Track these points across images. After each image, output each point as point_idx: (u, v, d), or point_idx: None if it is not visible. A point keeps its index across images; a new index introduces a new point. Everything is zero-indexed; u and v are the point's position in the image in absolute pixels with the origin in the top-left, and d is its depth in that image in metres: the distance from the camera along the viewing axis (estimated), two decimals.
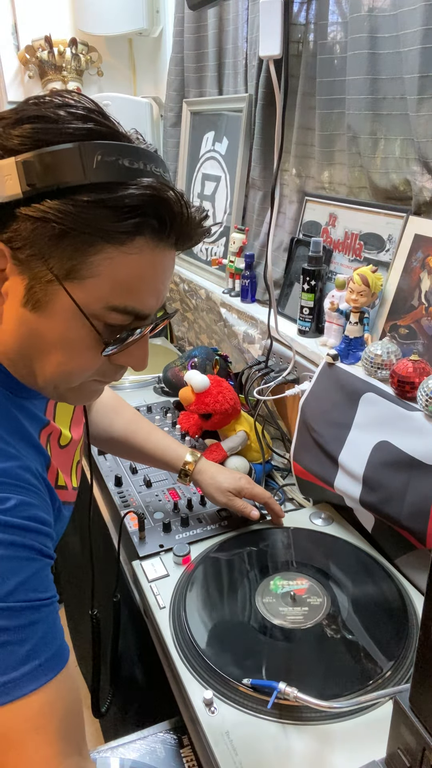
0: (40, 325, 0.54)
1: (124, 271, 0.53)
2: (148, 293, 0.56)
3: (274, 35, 1.13)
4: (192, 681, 0.77)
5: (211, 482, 1.04)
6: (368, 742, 0.69)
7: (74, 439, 0.77)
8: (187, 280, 1.81)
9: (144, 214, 0.51)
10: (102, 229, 0.51)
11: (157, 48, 1.97)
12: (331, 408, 1.05)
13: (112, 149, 0.51)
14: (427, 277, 0.98)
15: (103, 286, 0.53)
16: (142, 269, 0.54)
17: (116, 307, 0.54)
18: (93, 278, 0.52)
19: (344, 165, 1.18)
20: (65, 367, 0.57)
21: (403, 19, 0.94)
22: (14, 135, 0.50)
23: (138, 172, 0.52)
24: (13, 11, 1.84)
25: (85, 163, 0.50)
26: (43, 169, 0.49)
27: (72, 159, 0.49)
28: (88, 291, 0.53)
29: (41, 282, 0.52)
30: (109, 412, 1.06)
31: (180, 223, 0.54)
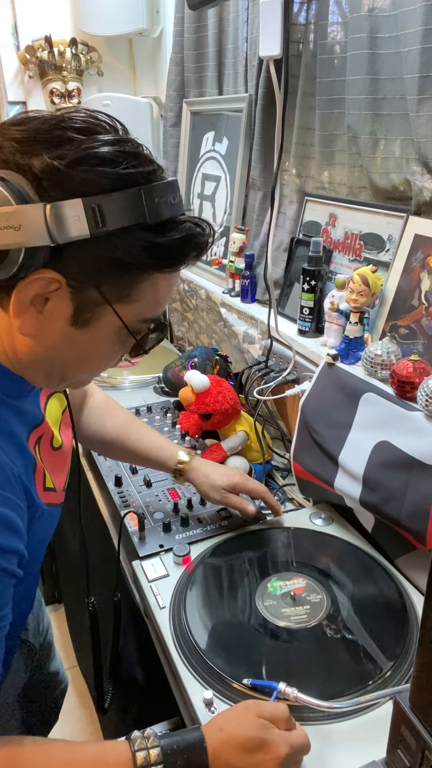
0: (84, 340, 0.60)
1: (162, 292, 0.61)
2: (164, 305, 0.65)
3: (274, 35, 1.13)
4: (192, 681, 0.77)
5: (204, 480, 1.03)
6: (368, 742, 0.69)
7: (65, 443, 0.79)
8: (187, 280, 1.81)
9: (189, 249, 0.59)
10: (156, 264, 0.58)
11: (157, 48, 1.97)
12: (331, 408, 1.05)
13: (163, 189, 0.56)
14: (427, 277, 0.98)
15: (145, 305, 0.60)
16: (168, 289, 0.62)
17: (147, 319, 0.62)
18: (138, 301, 0.59)
19: (344, 165, 1.18)
20: (98, 369, 0.67)
21: (403, 19, 0.94)
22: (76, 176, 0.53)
23: (178, 207, 0.58)
24: (13, 11, 1.84)
25: (148, 207, 0.55)
26: (110, 212, 0.53)
27: (136, 204, 0.54)
28: (133, 311, 0.60)
29: (91, 304, 0.58)
30: (102, 414, 1.06)
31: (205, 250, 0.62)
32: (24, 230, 0.52)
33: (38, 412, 0.71)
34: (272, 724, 0.63)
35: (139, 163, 0.56)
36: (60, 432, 0.78)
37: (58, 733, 1.69)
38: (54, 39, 1.80)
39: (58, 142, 0.53)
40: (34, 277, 0.54)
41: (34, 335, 0.59)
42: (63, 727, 1.73)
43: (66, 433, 0.81)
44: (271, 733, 0.62)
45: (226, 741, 0.61)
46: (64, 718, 1.76)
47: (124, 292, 0.58)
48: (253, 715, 0.64)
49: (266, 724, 0.63)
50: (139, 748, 0.60)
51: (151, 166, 0.57)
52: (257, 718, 0.63)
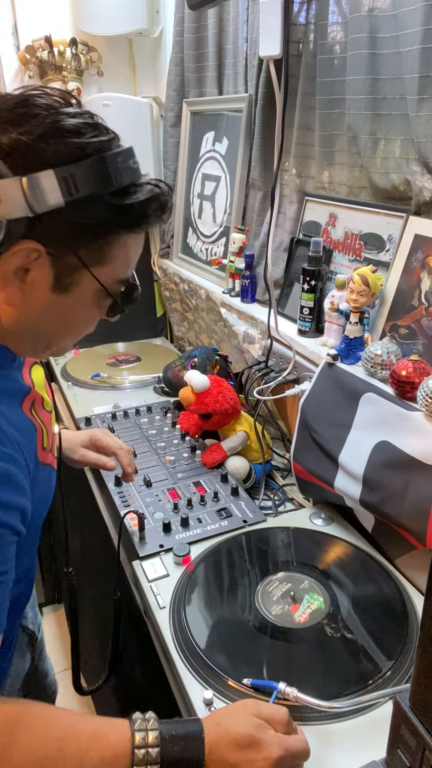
0: (66, 305, 0.64)
1: (131, 251, 0.65)
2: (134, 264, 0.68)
3: (274, 35, 1.13)
4: (192, 681, 0.77)
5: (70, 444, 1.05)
6: (368, 742, 0.69)
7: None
8: (187, 280, 1.81)
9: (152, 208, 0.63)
10: (125, 224, 0.62)
11: (157, 48, 1.97)
12: (331, 408, 1.05)
13: (125, 155, 0.61)
14: (427, 277, 0.98)
15: (118, 266, 0.64)
16: (139, 246, 0.67)
17: (121, 279, 0.66)
18: (112, 262, 0.63)
19: (344, 165, 1.18)
20: (80, 330, 0.70)
21: (403, 19, 0.94)
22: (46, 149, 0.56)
23: (138, 170, 0.63)
24: (13, 11, 1.83)
25: (113, 173, 0.59)
26: (80, 180, 0.57)
27: (102, 170, 0.58)
28: (108, 272, 0.64)
29: (70, 269, 0.61)
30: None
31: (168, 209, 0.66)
32: (4, 203, 0.55)
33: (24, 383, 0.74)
34: (268, 725, 0.63)
35: (99, 132, 0.60)
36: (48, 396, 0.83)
37: None
38: (54, 39, 1.80)
39: (23, 119, 0.57)
40: (15, 249, 0.58)
41: (18, 305, 0.62)
42: None
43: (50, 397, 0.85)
44: (266, 733, 0.62)
45: (222, 736, 0.61)
46: None
47: (99, 255, 0.62)
48: (250, 713, 0.64)
49: (262, 724, 0.63)
50: (138, 729, 0.61)
51: (110, 135, 0.61)
52: (254, 716, 0.63)
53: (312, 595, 0.89)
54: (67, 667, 1.93)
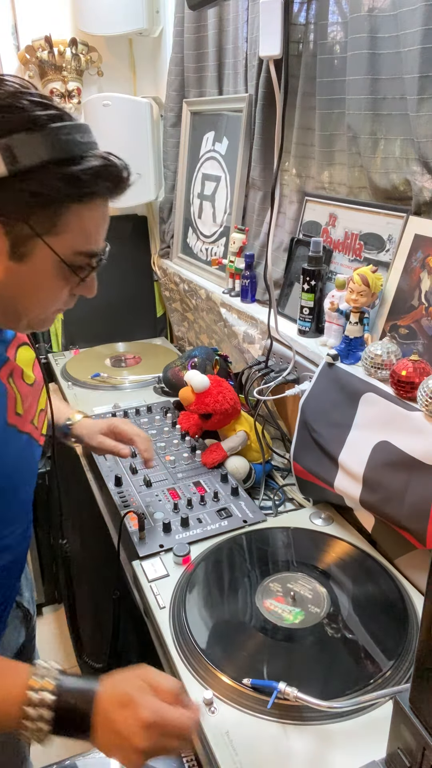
0: (26, 274, 0.66)
1: (87, 224, 0.67)
2: (100, 236, 0.70)
3: (274, 35, 1.13)
4: (192, 681, 0.77)
5: (83, 431, 1.10)
6: (368, 742, 0.69)
7: (38, 381, 0.85)
8: (187, 280, 1.81)
9: (101, 180, 0.65)
10: (74, 194, 0.64)
11: (157, 48, 1.97)
12: (331, 408, 1.05)
13: (70, 128, 0.63)
14: (427, 277, 0.98)
15: (74, 237, 0.66)
16: (98, 220, 0.68)
17: (81, 252, 0.68)
18: (65, 233, 0.65)
19: (344, 165, 1.18)
20: (46, 302, 0.71)
21: (403, 19, 0.94)
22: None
23: (87, 146, 0.65)
24: (13, 11, 1.83)
25: (57, 144, 0.62)
26: (23, 151, 0.60)
27: (46, 141, 0.61)
28: (63, 242, 0.66)
29: (24, 238, 0.64)
30: None
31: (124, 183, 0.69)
32: None
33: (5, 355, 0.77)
34: (151, 690, 0.64)
35: (45, 107, 0.63)
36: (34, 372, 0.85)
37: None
38: (54, 39, 1.80)
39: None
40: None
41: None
42: None
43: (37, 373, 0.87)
44: (144, 696, 0.63)
45: (110, 693, 0.63)
46: None
47: (50, 224, 0.64)
48: (138, 676, 0.65)
49: (144, 687, 0.64)
50: (37, 674, 0.63)
51: (57, 110, 0.64)
52: (140, 679, 0.65)
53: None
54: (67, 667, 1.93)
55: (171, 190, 1.94)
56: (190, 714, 0.64)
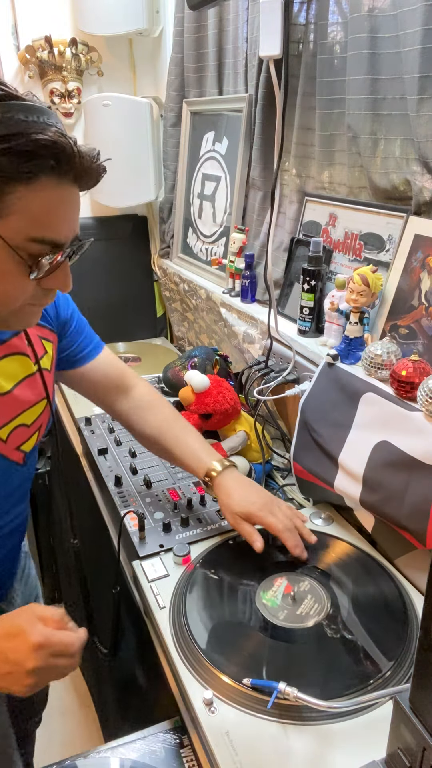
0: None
1: (35, 207, 0.63)
2: (60, 224, 0.66)
3: (274, 35, 1.13)
4: (192, 681, 0.77)
5: (225, 500, 0.97)
6: (368, 742, 0.69)
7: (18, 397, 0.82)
8: (187, 280, 1.81)
9: (41, 156, 0.61)
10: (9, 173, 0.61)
11: (157, 48, 1.97)
12: (331, 408, 1.05)
13: (10, 107, 0.61)
14: (427, 277, 0.98)
15: (21, 221, 0.63)
16: (50, 204, 0.64)
17: (35, 238, 0.64)
18: (11, 215, 0.62)
19: (344, 165, 1.18)
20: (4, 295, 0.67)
21: (403, 19, 0.94)
22: None
23: (33, 125, 0.61)
24: (13, 11, 1.83)
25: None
26: None
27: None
28: (9, 227, 0.63)
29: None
30: (143, 409, 1.07)
31: (74, 162, 0.64)
32: None
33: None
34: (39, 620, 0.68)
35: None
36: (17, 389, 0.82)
37: (58, 734, 1.69)
38: (54, 39, 1.80)
39: None
40: None
41: None
42: (63, 728, 1.73)
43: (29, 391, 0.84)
44: (31, 624, 0.67)
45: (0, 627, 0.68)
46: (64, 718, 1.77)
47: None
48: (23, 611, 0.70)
49: (32, 618, 0.68)
50: None
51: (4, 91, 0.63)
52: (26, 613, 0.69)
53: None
54: None
55: (171, 190, 1.94)
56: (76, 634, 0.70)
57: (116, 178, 1.91)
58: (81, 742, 1.70)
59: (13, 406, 0.82)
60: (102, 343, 1.05)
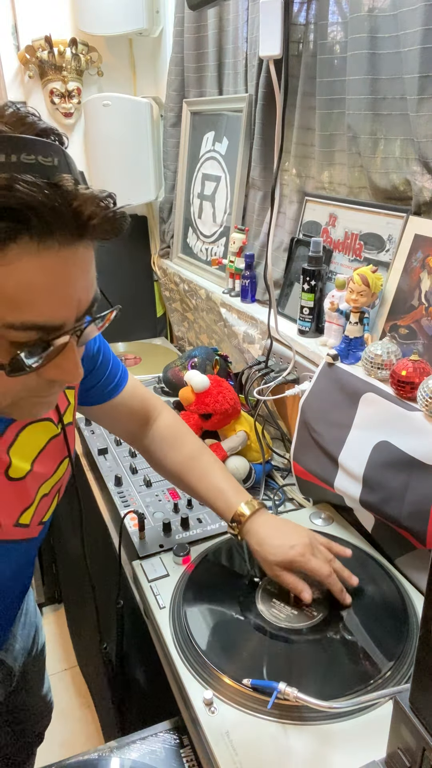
0: None
1: (6, 285, 0.47)
2: (49, 302, 0.49)
3: (274, 35, 1.13)
4: (192, 681, 0.77)
5: (258, 549, 0.85)
6: (368, 742, 0.68)
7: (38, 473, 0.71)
8: (187, 280, 1.81)
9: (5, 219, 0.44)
10: None
11: (157, 48, 1.97)
12: (331, 408, 1.05)
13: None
14: (427, 277, 0.98)
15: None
16: (28, 278, 0.47)
17: (12, 324, 0.48)
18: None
19: (344, 165, 1.18)
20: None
21: (403, 19, 0.94)
22: None
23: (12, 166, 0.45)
24: (13, 11, 1.83)
25: None
26: None
27: None
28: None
29: None
30: (164, 444, 0.97)
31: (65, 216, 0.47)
32: None
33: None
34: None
35: None
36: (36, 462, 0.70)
37: (58, 734, 1.69)
38: (54, 39, 1.80)
39: None
40: None
41: None
42: (63, 728, 1.73)
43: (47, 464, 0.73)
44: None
45: None
46: (64, 718, 1.77)
47: None
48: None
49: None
50: None
51: None
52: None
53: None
54: (67, 667, 1.93)
55: (171, 190, 1.94)
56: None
57: (116, 178, 1.92)
58: (81, 742, 1.70)
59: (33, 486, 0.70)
60: (126, 373, 0.94)
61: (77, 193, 0.47)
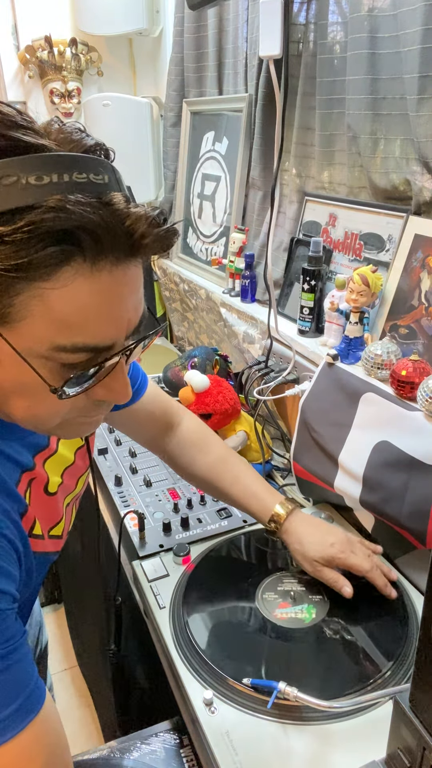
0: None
1: (60, 309, 0.46)
2: (100, 323, 0.48)
3: (274, 35, 1.13)
4: (192, 681, 0.77)
5: (297, 548, 0.88)
6: (368, 742, 0.68)
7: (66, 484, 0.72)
8: (187, 280, 1.81)
9: (59, 241, 0.44)
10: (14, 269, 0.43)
11: (157, 48, 1.97)
12: (331, 408, 1.05)
13: (12, 167, 0.43)
14: (427, 277, 0.98)
15: (40, 326, 0.46)
16: (80, 300, 0.46)
17: (64, 347, 0.48)
18: (25, 320, 0.46)
19: (344, 165, 1.18)
20: (31, 410, 0.52)
21: (403, 19, 0.94)
22: None
23: (49, 188, 0.44)
24: (13, 11, 1.83)
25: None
26: None
27: None
28: (25, 334, 0.47)
29: None
30: (190, 448, 0.96)
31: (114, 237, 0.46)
32: None
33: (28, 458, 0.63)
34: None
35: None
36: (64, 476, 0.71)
37: None
38: (54, 39, 1.80)
39: None
40: None
41: None
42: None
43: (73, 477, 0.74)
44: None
45: None
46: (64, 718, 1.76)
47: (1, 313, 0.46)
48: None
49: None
50: None
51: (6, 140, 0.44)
52: None
53: (312, 595, 0.89)
54: (66, 667, 1.93)
55: (171, 190, 1.94)
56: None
57: None
58: (81, 742, 1.70)
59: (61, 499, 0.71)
60: (146, 378, 0.92)
61: (129, 212, 0.46)
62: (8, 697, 0.50)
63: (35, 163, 0.44)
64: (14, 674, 0.51)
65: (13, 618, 0.54)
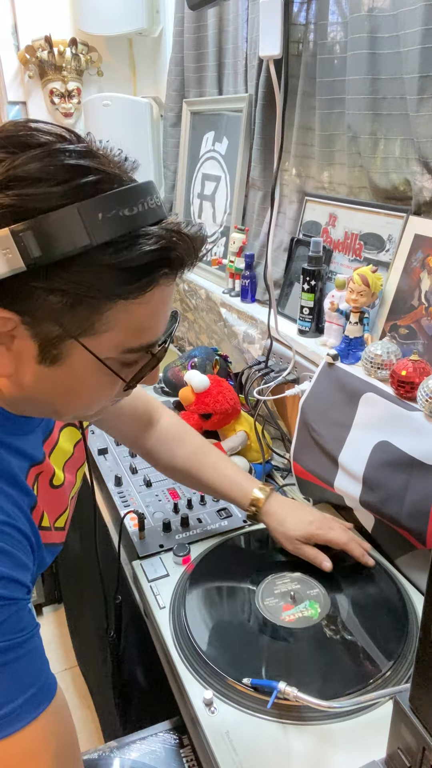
0: (61, 377, 0.54)
1: (139, 318, 0.53)
2: (161, 324, 0.56)
3: (274, 35, 1.13)
4: (192, 681, 0.77)
5: (278, 527, 0.93)
6: (368, 742, 0.69)
7: (69, 480, 0.75)
8: (187, 280, 1.81)
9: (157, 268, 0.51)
10: (117, 291, 0.50)
11: (157, 48, 1.97)
12: (331, 408, 1.05)
13: (111, 202, 0.48)
14: (427, 277, 0.98)
15: (119, 335, 0.53)
16: (155, 310, 0.53)
17: (132, 349, 0.54)
18: (108, 331, 0.52)
19: (344, 165, 1.18)
20: (89, 403, 0.59)
21: (403, 19, 0.94)
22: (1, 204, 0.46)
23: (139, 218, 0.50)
24: (13, 11, 1.84)
25: (88, 226, 0.47)
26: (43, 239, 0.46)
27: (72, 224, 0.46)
28: (104, 342, 0.53)
29: (55, 339, 0.51)
30: (170, 442, 1.00)
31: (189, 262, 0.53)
32: None
33: (39, 452, 0.67)
34: None
35: (74, 175, 0.47)
36: (65, 469, 0.75)
37: None
38: (54, 39, 1.80)
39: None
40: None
41: (9, 375, 0.54)
42: None
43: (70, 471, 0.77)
44: None
45: None
46: None
47: (87, 324, 0.51)
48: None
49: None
50: None
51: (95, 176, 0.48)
52: None
53: (312, 603, 0.89)
54: (66, 667, 1.93)
55: (171, 190, 1.94)
56: None
57: None
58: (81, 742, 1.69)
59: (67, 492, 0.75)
60: None
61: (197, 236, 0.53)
62: (22, 685, 0.52)
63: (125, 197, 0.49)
64: (27, 664, 0.53)
65: (27, 609, 0.56)
